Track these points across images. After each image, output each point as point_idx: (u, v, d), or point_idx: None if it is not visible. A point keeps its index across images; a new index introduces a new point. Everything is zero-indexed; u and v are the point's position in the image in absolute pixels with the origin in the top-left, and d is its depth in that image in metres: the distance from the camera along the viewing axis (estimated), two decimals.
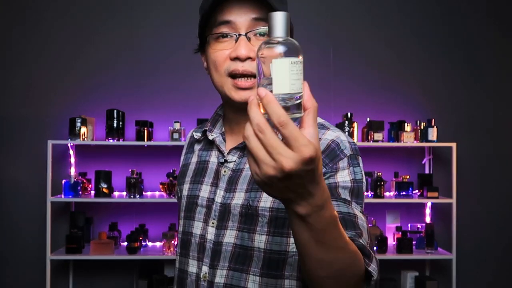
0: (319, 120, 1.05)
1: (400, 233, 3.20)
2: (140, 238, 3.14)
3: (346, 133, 3.12)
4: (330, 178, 0.95)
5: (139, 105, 3.36)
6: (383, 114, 3.37)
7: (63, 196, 3.08)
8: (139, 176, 3.14)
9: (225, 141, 1.10)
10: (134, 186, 3.08)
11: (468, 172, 3.46)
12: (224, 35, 0.99)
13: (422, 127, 3.25)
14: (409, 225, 3.38)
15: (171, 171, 3.17)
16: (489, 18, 3.55)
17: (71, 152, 3.23)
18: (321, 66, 3.46)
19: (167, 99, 3.38)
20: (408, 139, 3.20)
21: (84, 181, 3.20)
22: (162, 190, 3.17)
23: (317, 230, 0.70)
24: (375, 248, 3.08)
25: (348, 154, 0.98)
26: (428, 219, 3.37)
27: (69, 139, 3.10)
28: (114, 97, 3.36)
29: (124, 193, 3.18)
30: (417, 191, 3.33)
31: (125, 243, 3.13)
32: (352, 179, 0.96)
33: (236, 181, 1.03)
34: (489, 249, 3.47)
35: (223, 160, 1.07)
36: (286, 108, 0.65)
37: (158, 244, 3.27)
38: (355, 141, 3.14)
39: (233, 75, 0.99)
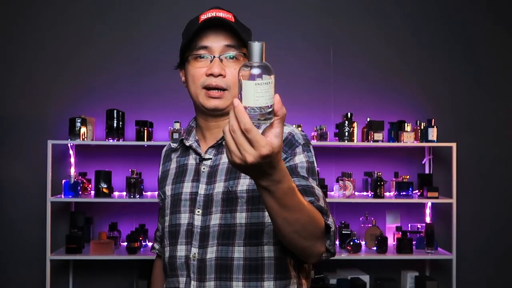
0: None
1: (400, 233, 3.20)
2: (140, 238, 3.14)
3: (346, 133, 3.15)
4: (290, 161, 1.19)
5: (139, 105, 3.36)
6: (383, 114, 3.37)
7: (63, 196, 3.08)
8: (139, 176, 3.14)
9: (199, 146, 1.32)
10: (134, 186, 3.08)
11: (468, 172, 3.45)
12: (202, 56, 1.25)
13: (422, 127, 3.25)
14: (409, 225, 3.38)
15: None
16: (489, 18, 3.55)
17: (71, 152, 3.23)
18: (321, 66, 3.46)
19: (167, 99, 3.38)
20: (408, 139, 3.20)
21: (84, 181, 3.20)
22: None
23: (278, 197, 0.92)
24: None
25: (302, 143, 1.23)
26: (428, 219, 3.37)
27: (69, 139, 3.10)
28: (114, 97, 3.36)
29: (124, 193, 3.18)
30: (417, 191, 3.33)
31: (125, 243, 3.13)
32: (307, 160, 1.20)
33: (215, 175, 1.24)
34: (489, 249, 3.47)
35: (202, 159, 1.28)
36: (262, 115, 0.83)
37: None
38: (355, 141, 3.17)
39: (207, 88, 1.24)
